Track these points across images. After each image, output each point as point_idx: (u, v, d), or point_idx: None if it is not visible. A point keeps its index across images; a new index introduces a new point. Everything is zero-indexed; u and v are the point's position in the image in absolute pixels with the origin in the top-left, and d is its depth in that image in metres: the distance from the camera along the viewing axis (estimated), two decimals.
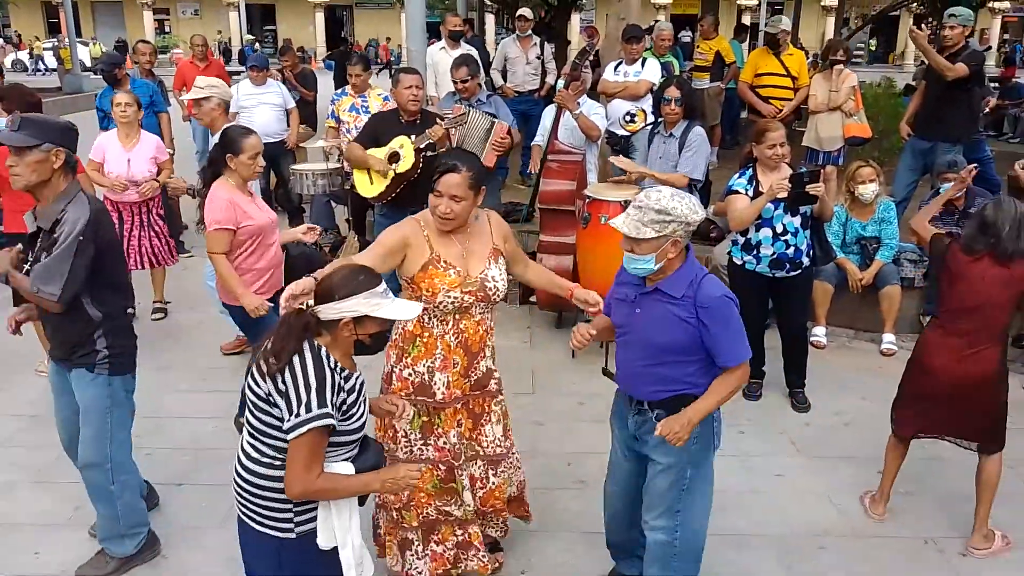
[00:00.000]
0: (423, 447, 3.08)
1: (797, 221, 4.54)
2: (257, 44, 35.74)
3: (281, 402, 2.30)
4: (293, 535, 2.45)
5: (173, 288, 6.49)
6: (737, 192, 4.60)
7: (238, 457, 2.51)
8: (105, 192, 5.67)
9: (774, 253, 4.57)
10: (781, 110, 7.44)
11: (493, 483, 3.21)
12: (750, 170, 4.64)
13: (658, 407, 2.84)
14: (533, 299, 6.30)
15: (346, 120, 6.19)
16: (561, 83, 6.14)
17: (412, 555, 3.18)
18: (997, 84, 14.25)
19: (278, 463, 2.38)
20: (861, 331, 5.91)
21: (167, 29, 43.44)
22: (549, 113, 6.25)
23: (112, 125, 6.96)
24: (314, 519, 2.45)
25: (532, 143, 6.37)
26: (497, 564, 3.39)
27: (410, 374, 3.03)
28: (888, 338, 5.63)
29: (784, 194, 4.37)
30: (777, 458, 4.35)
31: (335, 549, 2.46)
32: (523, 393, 4.96)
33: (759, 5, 35.14)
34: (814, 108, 7.18)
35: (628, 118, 6.81)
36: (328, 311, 2.34)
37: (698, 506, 2.95)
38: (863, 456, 4.34)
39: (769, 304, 4.88)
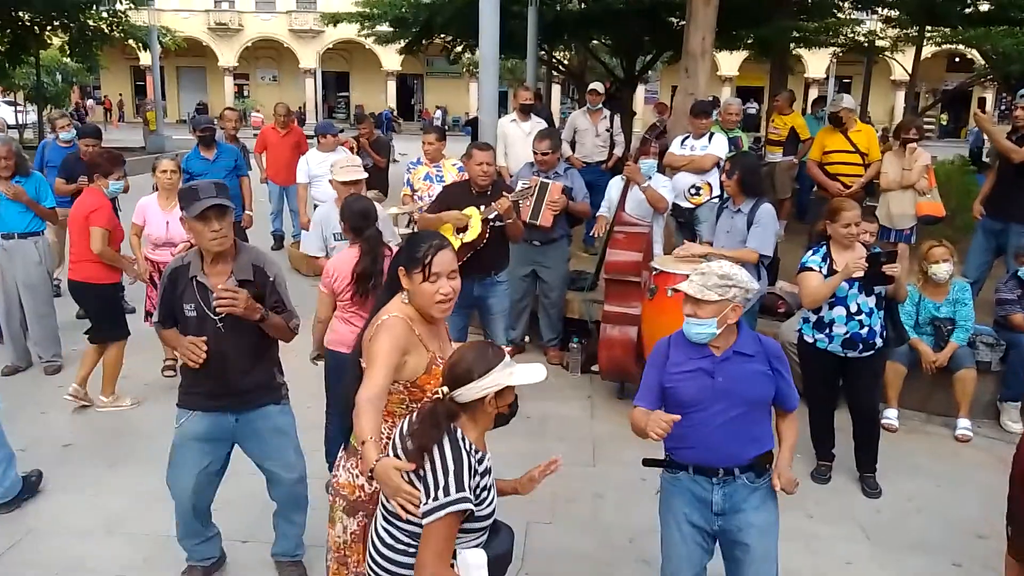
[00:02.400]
0: None
1: (872, 301, 4.49)
2: (393, 111, 35.96)
3: (419, 485, 2.31)
4: None
5: None
6: (811, 269, 4.57)
7: (372, 543, 2.50)
8: (145, 252, 5.93)
9: (847, 332, 4.51)
10: (849, 187, 7.39)
11: None
12: (824, 248, 4.62)
13: (747, 470, 2.93)
14: (595, 368, 6.29)
15: (419, 188, 6.36)
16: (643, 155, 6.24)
17: None
18: None
19: (412, 550, 2.37)
20: (934, 414, 5.73)
21: (246, 93, 45.40)
22: (614, 184, 6.34)
23: None
24: None
25: (597, 213, 6.45)
26: None
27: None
28: (963, 423, 5.45)
29: (860, 273, 4.33)
30: (847, 544, 4.21)
31: None
32: (583, 464, 4.93)
33: (827, 79, 35.24)
34: (886, 186, 7.11)
35: (693, 191, 6.86)
36: (470, 392, 2.37)
37: None
38: (937, 545, 4.18)
39: (839, 384, 4.79)
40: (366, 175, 5.10)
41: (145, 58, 29.10)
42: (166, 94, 37.99)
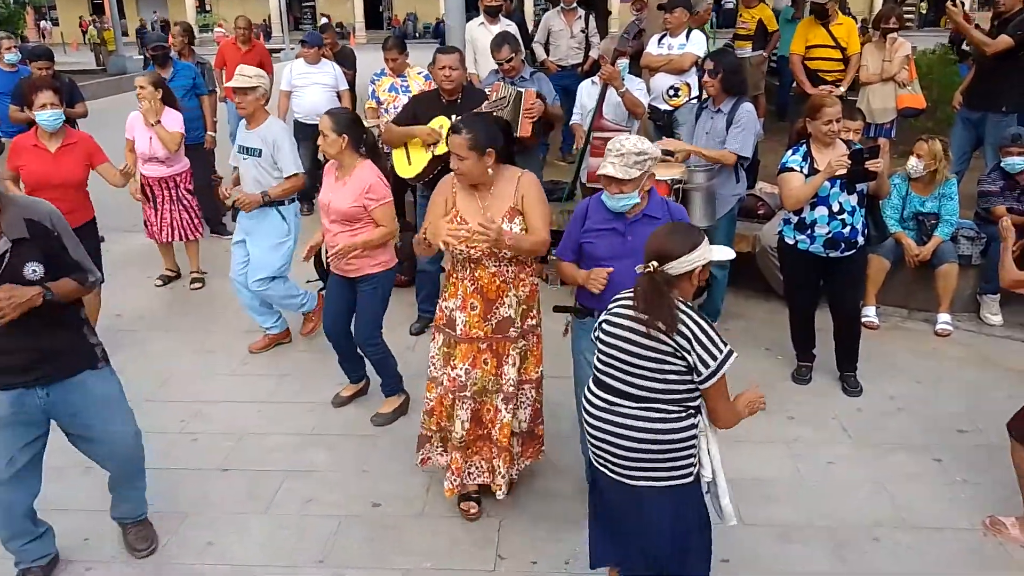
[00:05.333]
0: (442, 373, 3.57)
1: (854, 199, 4.38)
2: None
3: (691, 357, 2.50)
4: (691, 478, 2.64)
5: (215, 272, 6.56)
6: (792, 170, 4.44)
7: (626, 431, 2.59)
8: (140, 168, 6.03)
9: (830, 233, 4.42)
10: (831, 84, 7.17)
11: (505, 418, 3.53)
12: (804, 147, 4.48)
13: None
14: None
15: (384, 100, 6.10)
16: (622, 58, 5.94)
17: (431, 447, 3.71)
18: None
19: (683, 414, 2.57)
20: (915, 310, 5.71)
21: (208, 8, 43.72)
22: (584, 89, 6.07)
23: None
24: (697, 457, 2.65)
25: (571, 122, 6.22)
26: (471, 512, 3.68)
27: (444, 307, 3.57)
28: (943, 318, 5.44)
29: (844, 171, 4.22)
30: (828, 445, 4.22)
31: (705, 484, 2.70)
32: (566, 376, 4.88)
33: None
34: (866, 79, 6.94)
35: (671, 92, 6.64)
36: (680, 266, 2.55)
37: None
38: (918, 443, 4.21)
39: (820, 285, 4.73)
40: (253, 85, 4.86)
41: None
42: (124, 12, 36.52)
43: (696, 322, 2.51)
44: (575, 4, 8.46)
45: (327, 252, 4.40)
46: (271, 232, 5.04)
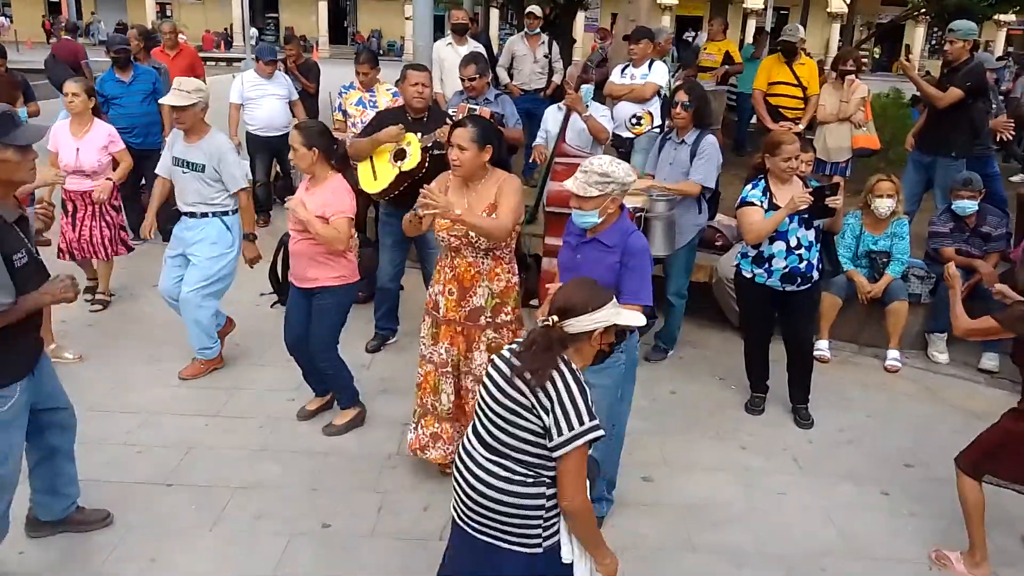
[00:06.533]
0: (431, 351, 3.91)
1: (811, 235, 4.48)
2: None
3: (547, 418, 2.33)
4: (541, 549, 2.46)
5: None
6: (752, 204, 4.51)
7: (474, 481, 2.46)
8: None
9: (787, 267, 4.50)
10: (791, 121, 7.34)
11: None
12: (763, 181, 4.56)
13: None
14: (533, 302, 6.21)
15: (352, 114, 6.07)
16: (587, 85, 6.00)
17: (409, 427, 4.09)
18: (1003, 98, 14.11)
19: (530, 480, 2.40)
20: (865, 346, 5.84)
21: (169, 13, 43.15)
22: (550, 114, 6.13)
23: (112, 109, 6.86)
24: (557, 532, 2.46)
25: (534, 143, 6.26)
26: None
27: (431, 293, 3.95)
28: (893, 354, 5.56)
29: (806, 206, 4.31)
30: (779, 475, 4.27)
31: (570, 565, 2.49)
32: None
33: (765, 9, 35.13)
34: (823, 118, 7.12)
35: (634, 120, 6.71)
36: (580, 324, 2.42)
37: None
38: (867, 475, 4.28)
39: (775, 317, 4.80)
40: (193, 101, 4.62)
41: None
42: (82, 12, 35.89)
43: (568, 387, 2.33)
44: (539, 30, 8.55)
45: (283, 266, 4.39)
46: (216, 242, 4.85)
